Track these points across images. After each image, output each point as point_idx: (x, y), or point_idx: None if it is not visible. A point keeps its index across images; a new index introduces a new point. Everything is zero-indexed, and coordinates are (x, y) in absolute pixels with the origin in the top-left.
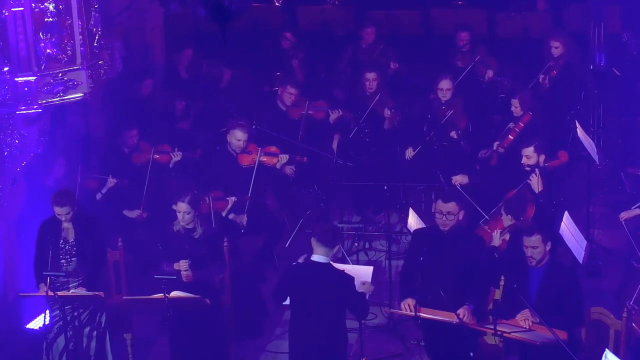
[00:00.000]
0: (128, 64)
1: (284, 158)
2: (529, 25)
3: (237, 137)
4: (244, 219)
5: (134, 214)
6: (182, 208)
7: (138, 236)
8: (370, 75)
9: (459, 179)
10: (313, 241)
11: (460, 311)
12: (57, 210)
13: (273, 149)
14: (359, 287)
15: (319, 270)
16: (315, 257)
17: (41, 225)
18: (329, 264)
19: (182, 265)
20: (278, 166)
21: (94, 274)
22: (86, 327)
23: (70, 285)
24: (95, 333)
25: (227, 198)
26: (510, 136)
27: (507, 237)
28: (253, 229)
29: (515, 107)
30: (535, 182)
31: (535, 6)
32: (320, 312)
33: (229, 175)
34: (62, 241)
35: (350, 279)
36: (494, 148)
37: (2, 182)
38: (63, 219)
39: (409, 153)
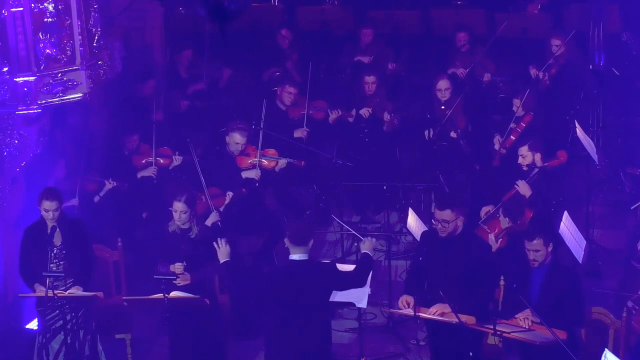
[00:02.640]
0: (128, 64)
1: (283, 162)
2: (529, 25)
3: (236, 140)
4: (258, 174)
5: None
6: (178, 207)
7: (138, 236)
8: (370, 79)
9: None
10: (287, 242)
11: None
12: (46, 205)
13: (271, 152)
14: (361, 247)
15: (301, 267)
16: (294, 257)
17: (26, 231)
18: (308, 260)
19: (178, 268)
20: (277, 169)
21: (84, 276)
22: (80, 330)
23: (61, 289)
24: (89, 337)
25: (227, 193)
26: (512, 137)
27: (501, 240)
28: (253, 229)
29: (517, 106)
30: (523, 188)
31: (533, 8)
32: (306, 310)
33: (228, 176)
34: (50, 246)
35: (332, 266)
36: (497, 149)
37: (2, 182)
38: (50, 216)
39: (428, 133)
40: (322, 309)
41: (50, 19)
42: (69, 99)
